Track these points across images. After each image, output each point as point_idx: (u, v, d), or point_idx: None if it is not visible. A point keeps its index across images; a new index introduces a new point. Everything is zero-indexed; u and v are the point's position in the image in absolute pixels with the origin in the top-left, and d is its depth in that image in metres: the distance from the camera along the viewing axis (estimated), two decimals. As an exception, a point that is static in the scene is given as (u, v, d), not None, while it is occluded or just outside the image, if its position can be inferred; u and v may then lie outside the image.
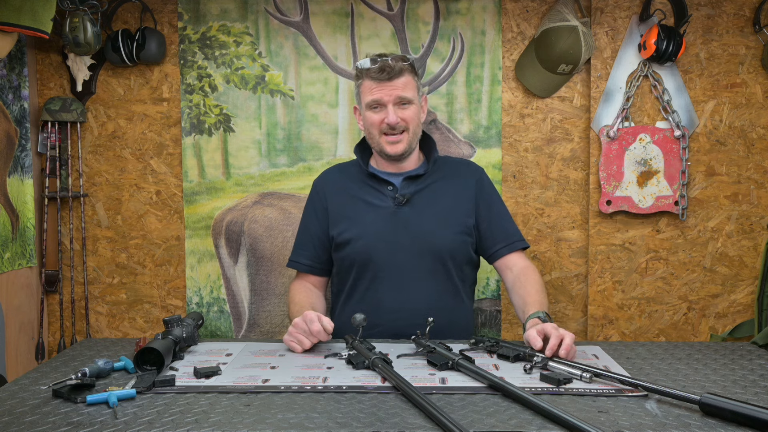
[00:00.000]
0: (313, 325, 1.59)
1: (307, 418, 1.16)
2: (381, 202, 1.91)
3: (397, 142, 1.87)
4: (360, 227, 1.90)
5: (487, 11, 2.35)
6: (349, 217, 1.92)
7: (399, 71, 1.82)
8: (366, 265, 1.89)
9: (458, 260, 1.91)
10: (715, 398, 1.16)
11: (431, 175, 1.95)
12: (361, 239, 1.89)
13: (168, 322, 1.53)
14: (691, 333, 2.37)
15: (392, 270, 1.87)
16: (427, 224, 1.88)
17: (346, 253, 1.91)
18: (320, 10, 2.36)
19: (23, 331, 2.31)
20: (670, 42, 2.19)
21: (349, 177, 1.99)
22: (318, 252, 1.97)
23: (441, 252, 1.88)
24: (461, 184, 1.95)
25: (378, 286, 1.88)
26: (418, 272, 1.87)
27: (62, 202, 2.41)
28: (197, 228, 2.42)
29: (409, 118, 1.86)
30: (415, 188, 1.92)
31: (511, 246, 1.92)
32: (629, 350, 1.64)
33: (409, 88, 1.85)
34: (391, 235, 1.88)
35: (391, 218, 1.89)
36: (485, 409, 1.20)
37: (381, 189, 1.93)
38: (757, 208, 2.33)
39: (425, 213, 1.89)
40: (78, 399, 1.24)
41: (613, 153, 2.31)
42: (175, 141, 2.41)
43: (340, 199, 1.96)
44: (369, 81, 1.85)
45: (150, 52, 2.30)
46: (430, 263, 1.87)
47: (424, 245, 1.87)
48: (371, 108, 1.86)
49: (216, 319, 2.44)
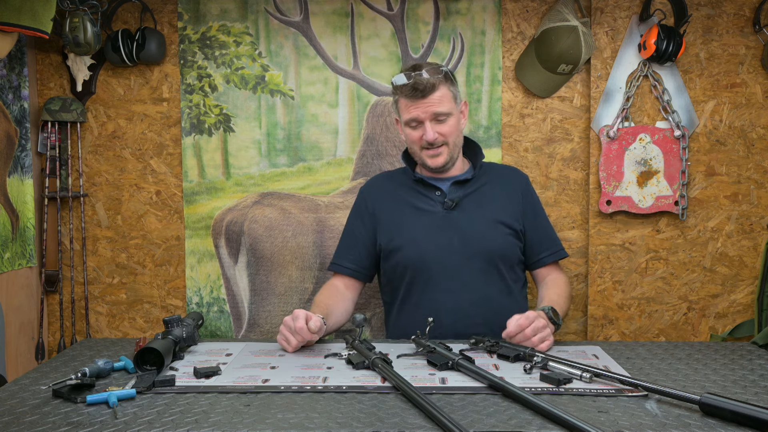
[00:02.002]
0: (297, 322, 1.58)
1: (307, 418, 1.16)
2: (430, 207, 1.93)
3: (438, 155, 1.88)
4: (411, 232, 1.91)
5: (487, 11, 2.35)
6: (399, 223, 1.94)
7: (432, 87, 1.81)
8: (419, 269, 1.89)
9: (509, 261, 1.92)
10: (715, 398, 1.16)
11: (478, 179, 1.96)
12: (413, 244, 1.90)
13: (168, 322, 1.53)
14: (691, 333, 2.37)
15: (446, 272, 1.88)
16: (477, 226, 1.90)
17: (399, 259, 1.92)
18: (320, 10, 2.36)
19: (23, 331, 2.31)
20: (670, 42, 2.19)
21: (397, 183, 2.01)
22: (362, 256, 1.98)
23: (492, 253, 1.89)
24: (508, 190, 1.98)
25: (433, 289, 1.89)
26: (471, 273, 1.88)
27: (62, 202, 2.41)
28: (197, 228, 2.42)
29: (447, 132, 1.86)
30: (464, 192, 1.93)
31: (555, 254, 1.97)
32: (629, 350, 1.64)
33: (445, 101, 1.84)
34: (443, 238, 1.89)
35: (441, 222, 1.90)
36: (485, 409, 1.20)
37: (429, 194, 1.94)
38: (757, 208, 2.33)
39: (475, 216, 1.91)
40: (78, 399, 1.24)
41: (613, 153, 2.31)
42: (175, 141, 2.41)
43: (389, 205, 1.97)
44: (404, 99, 1.85)
45: (150, 52, 2.30)
46: (483, 264, 1.89)
47: (476, 247, 1.88)
48: (409, 125, 1.88)
49: (216, 319, 2.44)
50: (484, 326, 1.79)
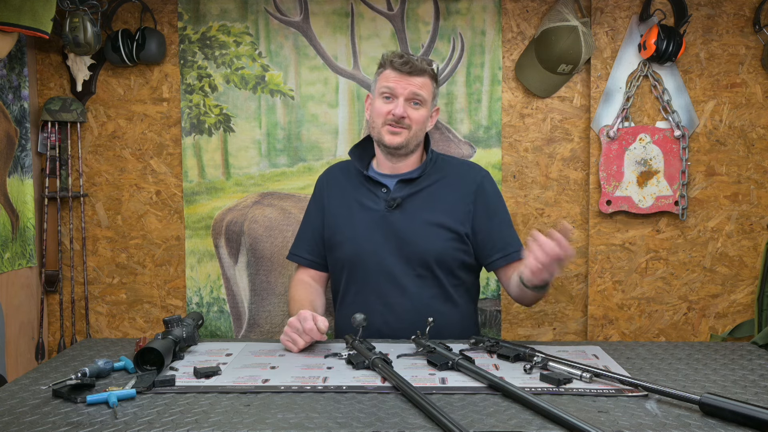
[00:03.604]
0: (306, 324, 1.58)
1: (307, 418, 1.16)
2: (374, 204, 1.90)
3: (397, 134, 1.84)
4: (351, 229, 1.90)
5: (487, 11, 2.35)
6: (342, 218, 1.92)
7: (421, 71, 1.83)
8: (355, 267, 1.88)
9: (448, 266, 1.87)
10: (715, 398, 1.16)
11: (428, 177, 1.91)
12: (352, 241, 1.89)
13: (168, 322, 1.53)
14: (691, 333, 2.37)
15: (381, 274, 1.86)
16: (415, 230, 1.86)
17: (338, 255, 1.92)
18: (320, 10, 2.36)
19: (23, 331, 2.31)
20: (670, 42, 2.19)
21: (348, 177, 1.99)
22: (318, 247, 1.97)
23: (427, 258, 1.85)
24: (459, 190, 1.91)
25: (367, 289, 1.87)
26: (406, 277, 1.85)
27: (62, 202, 2.41)
28: (197, 228, 2.42)
29: (416, 119, 1.84)
30: (408, 192, 1.89)
31: (507, 257, 1.87)
32: (629, 350, 1.64)
33: (426, 90, 1.84)
34: (380, 239, 1.86)
35: (380, 222, 1.88)
36: (485, 409, 1.20)
37: (375, 191, 1.91)
38: (757, 208, 2.33)
39: (415, 219, 1.87)
40: (78, 399, 1.24)
41: (613, 153, 2.31)
42: (175, 141, 2.41)
43: (337, 198, 1.96)
44: (390, 70, 1.84)
45: (150, 52, 2.30)
46: (417, 269, 1.86)
47: (411, 250, 1.85)
48: (383, 96, 1.85)
49: (216, 319, 2.44)
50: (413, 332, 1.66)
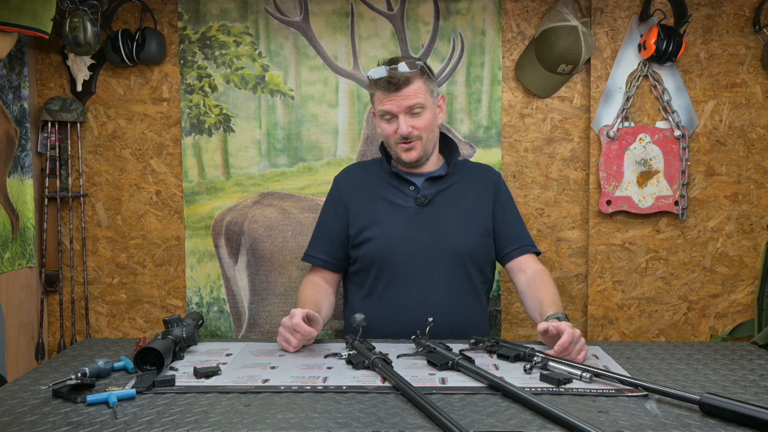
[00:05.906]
0: (293, 319, 1.58)
1: (307, 418, 1.16)
2: (403, 201, 1.92)
3: (411, 149, 1.87)
4: (381, 226, 1.90)
5: (487, 11, 2.35)
6: (370, 215, 1.93)
7: (407, 80, 1.81)
8: (386, 264, 1.89)
9: (479, 262, 1.91)
10: (715, 398, 1.16)
11: (452, 176, 1.96)
12: (383, 238, 1.89)
13: (168, 322, 1.53)
14: (691, 333, 2.37)
15: (413, 270, 1.87)
16: (449, 225, 1.89)
17: (367, 251, 1.91)
18: (320, 10, 2.36)
19: (23, 331, 2.32)
20: (670, 42, 2.19)
21: (372, 175, 2.00)
22: (334, 248, 1.97)
23: (462, 253, 1.88)
24: (481, 187, 1.97)
25: (398, 285, 1.88)
26: (439, 272, 1.87)
27: (62, 202, 2.41)
28: (197, 228, 2.42)
29: (421, 126, 1.85)
30: (437, 189, 1.92)
31: (523, 248, 1.93)
32: (629, 350, 1.64)
33: (420, 94, 1.84)
34: (413, 235, 1.88)
35: (413, 218, 1.90)
36: (485, 409, 1.20)
37: (403, 189, 1.94)
38: (757, 208, 2.33)
39: (447, 214, 1.90)
40: (78, 399, 1.24)
41: (613, 153, 2.31)
42: (175, 141, 2.41)
43: (362, 197, 1.97)
44: (379, 92, 1.85)
45: (150, 52, 2.30)
46: (451, 264, 1.88)
47: (446, 246, 1.88)
48: (384, 118, 1.88)
49: (216, 319, 2.44)
50: (446, 326, 1.74)
